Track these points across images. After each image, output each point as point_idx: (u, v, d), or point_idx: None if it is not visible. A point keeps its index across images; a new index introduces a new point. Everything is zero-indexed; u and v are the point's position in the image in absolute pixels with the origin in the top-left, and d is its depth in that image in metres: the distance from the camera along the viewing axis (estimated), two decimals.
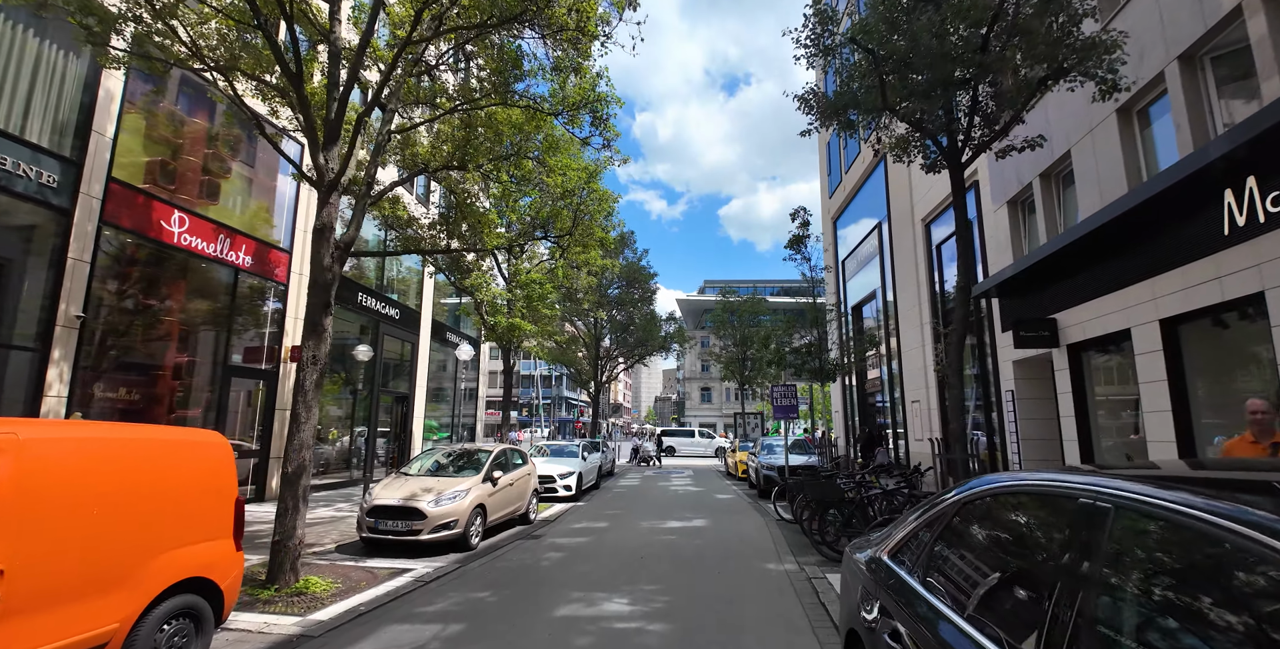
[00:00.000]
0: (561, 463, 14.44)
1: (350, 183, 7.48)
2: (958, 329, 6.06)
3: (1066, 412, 10.38)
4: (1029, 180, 11.52)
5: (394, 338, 18.81)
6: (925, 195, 16.97)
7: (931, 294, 16.84)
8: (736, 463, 19.61)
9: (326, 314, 7.05)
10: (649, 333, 25.86)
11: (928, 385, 17.08)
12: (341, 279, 16.90)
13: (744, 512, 11.90)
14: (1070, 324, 10.31)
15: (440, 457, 9.68)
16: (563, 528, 10.11)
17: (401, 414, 19.47)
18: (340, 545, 8.46)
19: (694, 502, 13.67)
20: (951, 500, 2.65)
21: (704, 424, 74.47)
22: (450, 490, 8.23)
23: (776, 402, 13.44)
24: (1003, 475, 2.60)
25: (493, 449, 9.65)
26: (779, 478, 13.75)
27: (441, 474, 9.01)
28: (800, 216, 13.40)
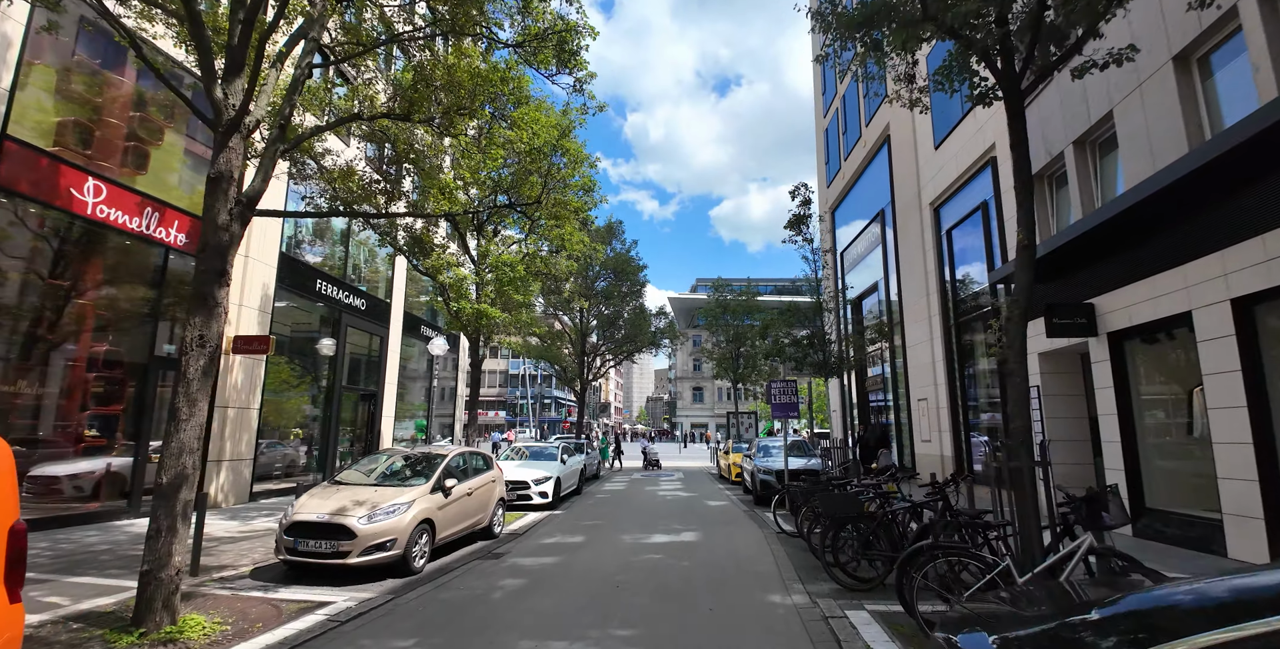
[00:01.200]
0: (537, 467, 13.06)
1: (258, 124, 6.06)
2: (1019, 300, 4.73)
3: (1106, 409, 9.12)
4: (1060, 150, 10.27)
5: (360, 331, 17.36)
6: (935, 177, 15.73)
7: (941, 284, 15.59)
8: (730, 465, 18.29)
9: (220, 284, 5.64)
10: (638, 328, 24.47)
11: (936, 382, 15.83)
12: (299, 264, 15.48)
13: (739, 522, 10.56)
14: (1112, 309, 9.05)
15: (387, 461, 8.27)
16: (530, 544, 8.73)
17: (368, 413, 18.01)
18: (259, 568, 7.06)
19: (683, 510, 12.32)
20: None
21: (696, 424, 73.30)
22: (389, 503, 6.84)
23: (774, 399, 12.12)
24: None
25: (446, 453, 8.26)
26: (777, 483, 12.43)
27: (384, 483, 7.61)
28: (800, 194, 12.10)
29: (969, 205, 14.24)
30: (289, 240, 14.52)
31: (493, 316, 10.53)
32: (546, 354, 24.40)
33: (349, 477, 7.86)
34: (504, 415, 67.54)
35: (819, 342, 11.44)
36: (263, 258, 13.18)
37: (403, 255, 11.85)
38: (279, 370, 14.36)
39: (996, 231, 12.92)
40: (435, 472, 7.67)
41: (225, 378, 12.26)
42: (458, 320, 11.35)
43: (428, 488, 7.38)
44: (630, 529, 9.90)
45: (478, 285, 10.95)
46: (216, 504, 11.93)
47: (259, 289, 13.09)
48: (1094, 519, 4.15)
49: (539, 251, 13.08)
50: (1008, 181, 12.43)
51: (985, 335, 5.36)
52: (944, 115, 15.42)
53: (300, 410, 15.70)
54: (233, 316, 12.45)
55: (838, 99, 24.78)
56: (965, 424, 14.47)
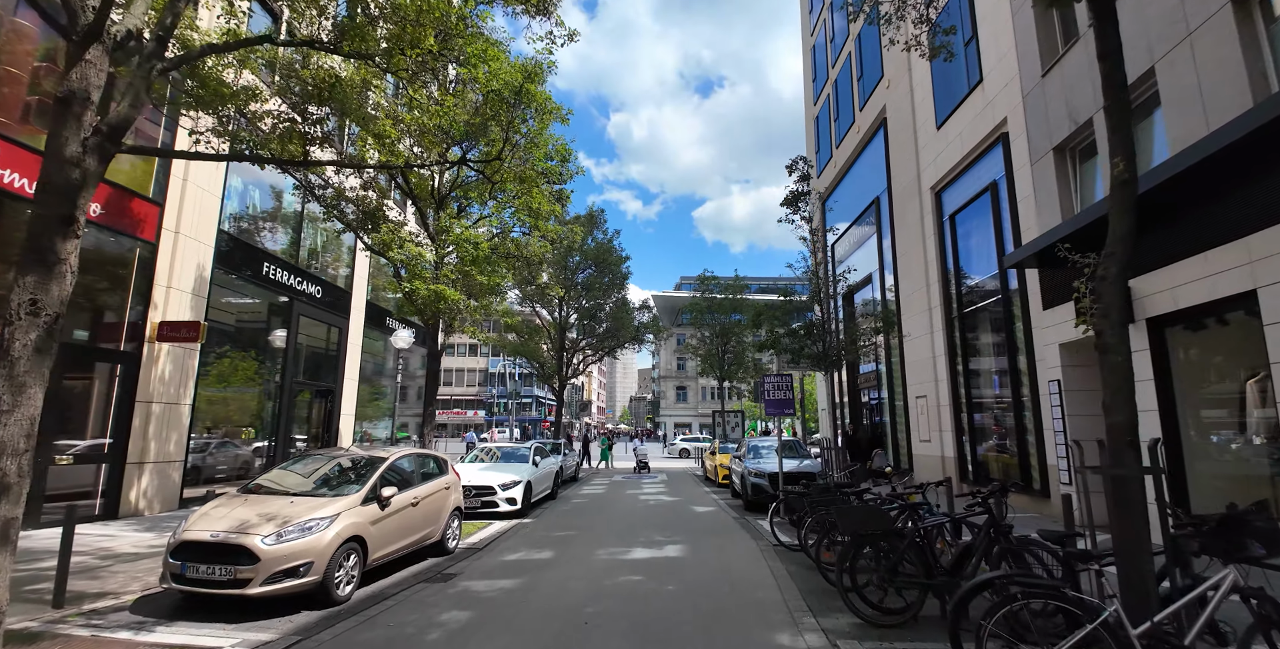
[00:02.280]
0: (505, 470, 11.77)
1: (132, 37, 4.73)
2: (1117, 253, 3.58)
3: (1145, 405, 8.09)
4: (1089, 116, 9.25)
5: (316, 321, 15.92)
6: (937, 159, 14.72)
7: (943, 273, 14.57)
8: (716, 467, 17.13)
9: (66, 235, 4.30)
10: (620, 322, 23.21)
11: (936, 378, 14.81)
12: (243, 245, 13.90)
13: (731, 532, 9.38)
14: (1152, 291, 8.01)
15: (316, 465, 6.94)
16: (489, 562, 7.47)
17: (325, 411, 16.57)
18: (146, 597, 5.73)
19: (667, 517, 11.12)
20: None
21: (679, 424, 72.22)
22: (304, 518, 5.54)
23: (769, 395, 10.98)
24: None
25: (387, 455, 6.96)
26: (770, 487, 11.30)
27: (308, 491, 6.29)
28: (799, 168, 10.96)
29: (975, 187, 13.24)
30: (232, 220, 13.07)
31: (452, 300, 9.23)
32: (523, 350, 23.06)
33: (267, 483, 6.52)
34: (482, 415, 65.88)
35: (817, 331, 10.30)
36: (197, 235, 11.73)
37: (352, 231, 10.46)
38: (220, 362, 12.91)
39: (1008, 213, 11.91)
40: (369, 479, 6.37)
41: (149, 369, 10.82)
42: (411, 304, 10.02)
43: (359, 498, 6.08)
44: (607, 541, 8.67)
45: (436, 264, 9.63)
46: (138, 512, 10.51)
47: (192, 270, 11.65)
48: (1234, 548, 3.00)
49: (509, 229, 11.80)
50: (1021, 158, 11.42)
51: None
52: (947, 93, 14.42)
53: (246, 407, 14.24)
54: (158, 300, 11.00)
55: (829, 85, 23.79)
56: (970, 423, 13.46)
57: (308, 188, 10.16)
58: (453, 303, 9.36)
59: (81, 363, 10.22)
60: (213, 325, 12.45)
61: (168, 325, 10.87)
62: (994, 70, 12.25)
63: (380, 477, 6.47)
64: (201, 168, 11.82)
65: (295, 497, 6.04)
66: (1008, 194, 11.88)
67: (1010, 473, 12.11)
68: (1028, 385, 11.31)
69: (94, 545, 8.18)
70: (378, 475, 6.44)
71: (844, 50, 21.71)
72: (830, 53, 23.50)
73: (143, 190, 10.92)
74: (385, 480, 6.54)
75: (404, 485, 6.94)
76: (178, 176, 11.45)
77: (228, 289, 12.94)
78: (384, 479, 6.53)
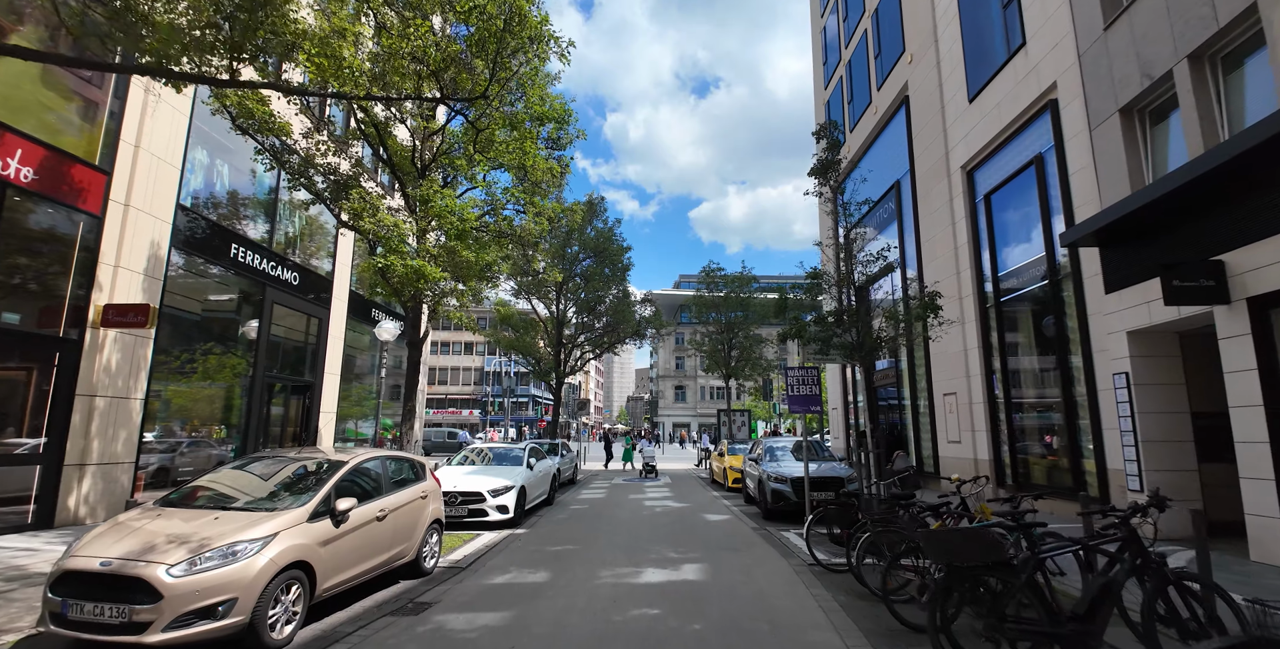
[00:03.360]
0: (496, 475, 10.53)
1: None
2: None
3: (1243, 399, 6.89)
4: (1167, 68, 8.05)
5: (292, 311, 14.66)
6: (969, 135, 13.53)
7: (975, 259, 13.37)
8: (725, 469, 15.91)
9: None
10: (621, 315, 21.93)
11: (968, 373, 13.60)
12: (207, 223, 12.40)
13: (754, 547, 8.15)
14: (1252, 267, 6.81)
15: (261, 470, 5.69)
16: (472, 587, 6.23)
17: (303, 409, 15.30)
18: (33, 638, 4.47)
19: (678, 527, 9.90)
20: None
21: (678, 424, 71.08)
22: (229, 540, 4.30)
23: (792, 390, 9.76)
24: None
25: (348, 458, 5.71)
26: (793, 495, 10.08)
27: (240, 504, 5.05)
28: (827, 135, 9.74)
29: (1015, 163, 12.05)
30: (196, 196, 11.81)
31: (433, 278, 7.98)
32: (518, 345, 21.80)
33: (194, 493, 5.27)
34: (478, 414, 64.57)
35: (849, 317, 9.09)
36: (151, 209, 10.46)
37: (322, 203, 9.20)
38: (181, 353, 11.65)
39: (1057, 189, 10.72)
40: (320, 489, 5.12)
41: (94, 358, 9.55)
42: (387, 283, 8.77)
43: (304, 512, 4.83)
44: (612, 559, 7.44)
45: (416, 237, 8.38)
46: (78, 520, 9.25)
47: (145, 248, 10.38)
48: None
49: (501, 206, 10.53)
50: (1075, 126, 10.23)
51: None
52: (981, 62, 13.24)
53: (213, 403, 12.96)
54: (104, 280, 9.74)
55: (842, 66, 22.61)
56: (1008, 422, 12.26)
57: (272, 152, 8.90)
58: (434, 282, 8.12)
59: (11, 351, 8.95)
60: (172, 312, 11.20)
61: (114, 309, 9.60)
62: (1039, 31, 11.06)
63: (335, 486, 5.22)
64: (157, 134, 10.56)
65: (223, 511, 4.79)
66: (1057, 167, 10.69)
67: (1057, 478, 10.93)
68: (1081, 379, 10.12)
69: (6, 562, 6.93)
70: (332, 484, 5.19)
71: (859, 27, 20.51)
72: (843, 32, 22.31)
73: (86, 156, 9.65)
74: (343, 490, 5.30)
75: (369, 495, 5.70)
76: (128, 143, 10.17)
77: (190, 273, 11.68)
78: (341, 488, 5.28)
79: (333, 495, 5.14)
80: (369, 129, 9.62)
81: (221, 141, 12.60)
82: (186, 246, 11.30)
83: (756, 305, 23.60)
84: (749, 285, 22.32)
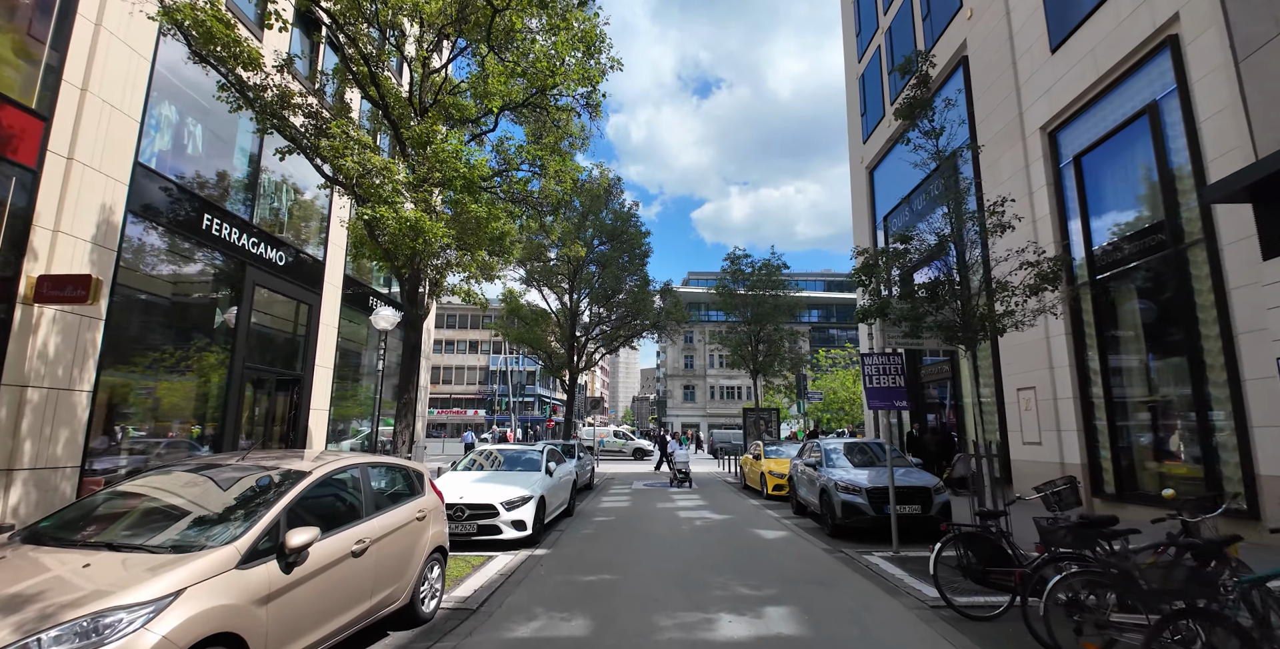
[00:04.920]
0: (510, 482, 8.82)
1: None
2: None
3: None
4: None
5: (278, 295, 12.99)
6: (1051, 91, 11.74)
7: (1060, 232, 11.58)
8: (764, 474, 14.16)
9: None
10: (642, 304, 20.15)
11: (1051, 364, 11.80)
12: (173, 187, 10.01)
13: (843, 579, 6.42)
14: None
15: (192, 486, 3.98)
16: (486, 643, 4.52)
17: (290, 405, 13.63)
18: None
19: (732, 549, 8.16)
20: None
21: (687, 424, 69.37)
22: (91, 608, 2.61)
23: (871, 381, 8.04)
24: None
25: (310, 469, 3.99)
26: (869, 509, 8.34)
27: (135, 539, 3.32)
28: (916, 68, 8.01)
29: (1118, 116, 10.27)
30: (162, 156, 10.16)
31: (432, 236, 6.26)
32: (528, 338, 20.08)
33: (79, 520, 3.56)
34: (483, 414, 62.97)
35: (949, 290, 7.36)
36: (102, 166, 8.79)
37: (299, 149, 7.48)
38: (146, 339, 9.99)
39: (1181, 139, 8.96)
40: (260, 518, 3.40)
41: (25, 342, 7.88)
42: (375, 243, 7.05)
43: (231, 555, 3.13)
44: (666, 598, 5.71)
45: (414, 185, 6.66)
46: None
47: (94, 212, 8.70)
48: None
49: (515, 165, 8.79)
50: (1207, 63, 8.43)
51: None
52: (1065, 4, 11.48)
53: (184, 398, 11.29)
54: (40, 247, 8.06)
55: (879, 35, 20.85)
56: (1107, 420, 10.48)
57: (238, 87, 7.20)
58: (435, 243, 6.41)
59: None
60: (132, 291, 9.54)
61: (49, 280, 7.90)
62: None
63: (286, 510, 3.50)
64: (110, 77, 8.90)
65: (106, 553, 3.08)
66: (1182, 114, 8.92)
67: (1183, 485, 9.15)
68: (1220, 367, 8.35)
69: None
70: (279, 509, 3.48)
71: None
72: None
73: (22, 98, 7.99)
74: (300, 516, 3.59)
75: (341, 520, 3.99)
76: (73, 85, 8.49)
77: (155, 246, 10.02)
78: (297, 514, 3.57)
79: (282, 525, 3.44)
80: (359, 66, 7.92)
81: (196, 99, 10.96)
82: (149, 214, 9.63)
83: (785, 302, 21.82)
84: (779, 273, 20.58)
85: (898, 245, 7.95)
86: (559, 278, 19.72)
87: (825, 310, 68.12)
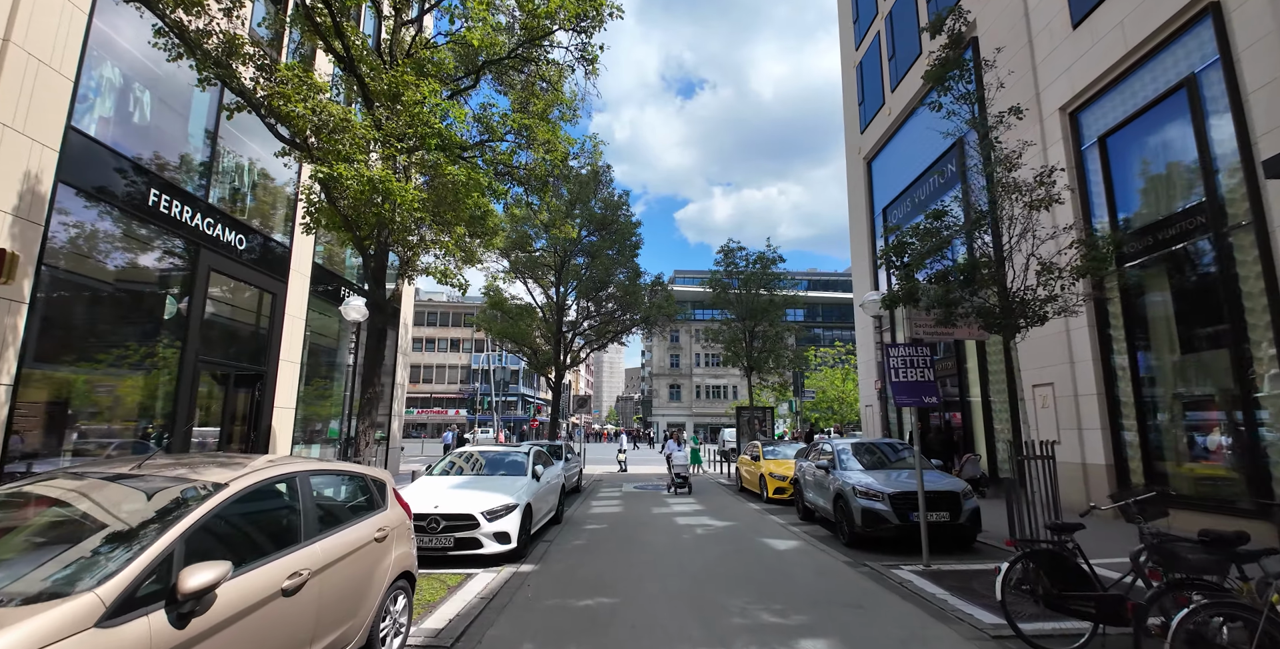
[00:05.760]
0: (492, 488, 7.87)
1: None
2: None
3: None
4: None
5: (237, 282, 11.88)
6: (1073, 70, 11.05)
7: (1084, 218, 10.87)
8: (764, 476, 13.34)
9: None
10: (633, 297, 19.18)
11: (1072, 359, 11.11)
12: (116, 159, 7.92)
13: (878, 600, 5.60)
14: None
15: (28, 506, 2.97)
16: None
17: (251, 404, 12.51)
18: None
19: (744, 562, 7.30)
20: None
21: (672, 423, 68.60)
22: None
23: (896, 375, 7.21)
24: None
25: (226, 480, 3.01)
26: (893, 517, 7.53)
27: None
28: (948, 28, 7.22)
29: (1150, 92, 9.58)
30: (103, 122, 9.05)
31: (402, 202, 5.29)
32: (512, 332, 19.07)
33: None
34: (465, 414, 61.61)
35: (989, 271, 6.57)
36: (27, 127, 7.69)
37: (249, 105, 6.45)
38: (77, 325, 8.88)
39: (1225, 114, 8.27)
40: (145, 551, 2.44)
41: None
42: (335, 210, 6.05)
43: (91, 608, 2.17)
44: (679, 629, 4.83)
45: (378, 141, 5.68)
46: None
47: (15, 180, 7.59)
48: None
49: (500, 135, 7.86)
50: (1254, 30, 7.77)
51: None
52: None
53: (130, 394, 10.16)
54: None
55: (879, 21, 20.16)
56: (1139, 419, 9.80)
57: (176, 31, 6.18)
58: (406, 209, 5.44)
59: None
60: (65, 275, 8.43)
61: None
62: None
63: (181, 540, 2.55)
64: (38, 30, 7.81)
65: None
66: (1226, 86, 8.24)
67: (1222, 490, 8.48)
68: (1270, 360, 7.67)
69: None
70: (171, 538, 2.51)
71: None
72: None
73: None
74: (204, 544, 2.63)
75: (268, 547, 3.05)
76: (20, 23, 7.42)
77: (93, 223, 8.90)
78: (199, 543, 2.61)
79: (176, 560, 2.48)
80: (321, 16, 6.91)
81: (145, 64, 9.87)
82: (85, 186, 8.53)
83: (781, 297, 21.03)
84: (775, 266, 19.79)
85: (932, 223, 7.11)
86: (545, 269, 18.76)
87: (810, 310, 67.82)
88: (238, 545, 2.89)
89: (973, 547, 8.00)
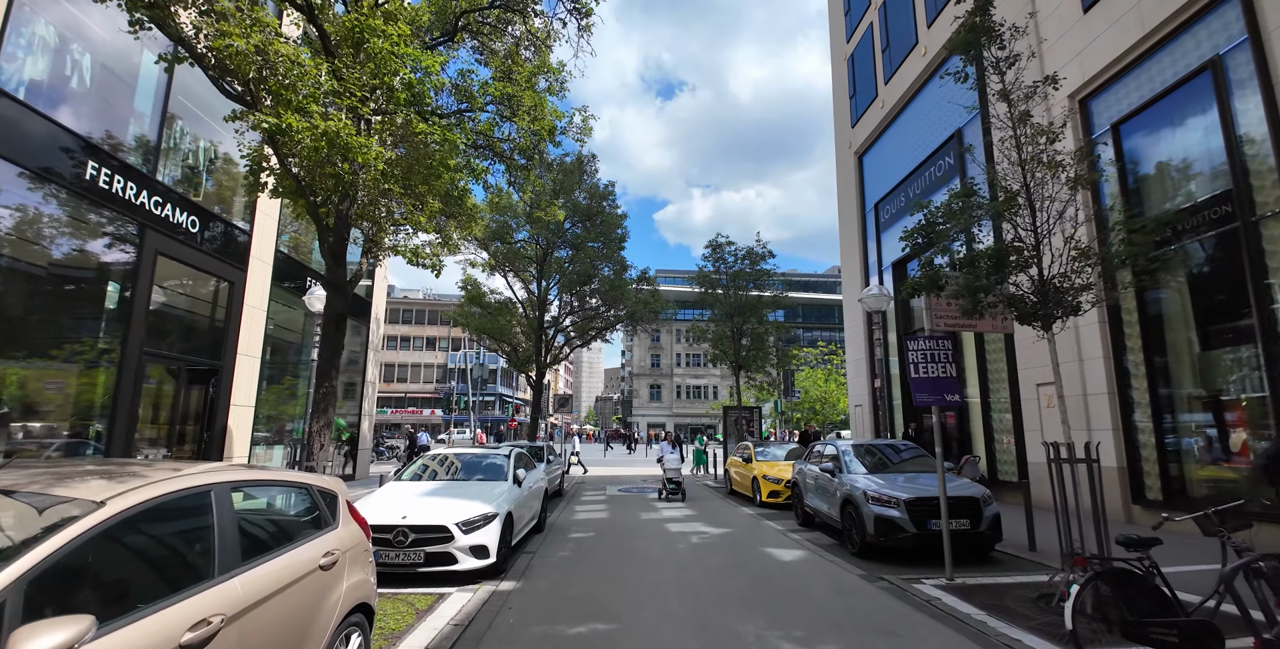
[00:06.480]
0: (468, 495, 7.08)
1: None
2: None
3: None
4: None
5: (188, 267, 10.89)
6: (1082, 56, 10.59)
7: (1094, 210, 10.47)
8: (757, 479, 12.70)
9: None
10: (620, 292, 18.40)
11: (1081, 356, 10.64)
12: (47, 127, 6.76)
13: (907, 622, 4.99)
14: None
15: None
16: None
17: (205, 401, 11.51)
18: None
19: (750, 581, 6.61)
20: None
21: (653, 424, 67.96)
22: None
23: (916, 370, 6.62)
24: None
25: (103, 498, 2.20)
26: (909, 525, 6.91)
27: None
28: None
29: (1168, 76, 9.13)
30: (33, 84, 8.07)
31: (363, 160, 4.48)
32: (491, 327, 18.18)
33: None
34: (440, 414, 60.16)
35: (1022, 256, 6.00)
36: None
37: (186, 53, 5.56)
38: (10, 315, 7.87)
39: (1256, 96, 7.81)
40: None
41: None
42: (285, 171, 5.20)
43: None
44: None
45: (335, 93, 4.86)
46: None
47: None
48: None
49: (480, 105, 7.09)
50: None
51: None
52: None
53: (64, 389, 9.14)
54: None
55: (872, 11, 19.68)
56: (1155, 419, 9.34)
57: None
58: (368, 171, 4.64)
59: None
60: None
61: None
62: None
63: (17, 588, 1.74)
64: None
65: None
66: (1255, 68, 7.79)
67: (1248, 490, 8.02)
68: None
69: None
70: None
71: None
72: None
73: None
74: (61, 593, 1.84)
75: (164, 588, 2.24)
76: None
77: (15, 194, 7.90)
78: (54, 589, 1.82)
79: (4, 619, 1.68)
80: None
81: (86, 23, 8.92)
82: (9, 153, 7.55)
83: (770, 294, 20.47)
84: (763, 262, 19.20)
85: (960, 202, 6.51)
86: (526, 262, 17.92)
87: (790, 311, 67.78)
88: (114, 590, 2.10)
89: (990, 557, 7.44)
